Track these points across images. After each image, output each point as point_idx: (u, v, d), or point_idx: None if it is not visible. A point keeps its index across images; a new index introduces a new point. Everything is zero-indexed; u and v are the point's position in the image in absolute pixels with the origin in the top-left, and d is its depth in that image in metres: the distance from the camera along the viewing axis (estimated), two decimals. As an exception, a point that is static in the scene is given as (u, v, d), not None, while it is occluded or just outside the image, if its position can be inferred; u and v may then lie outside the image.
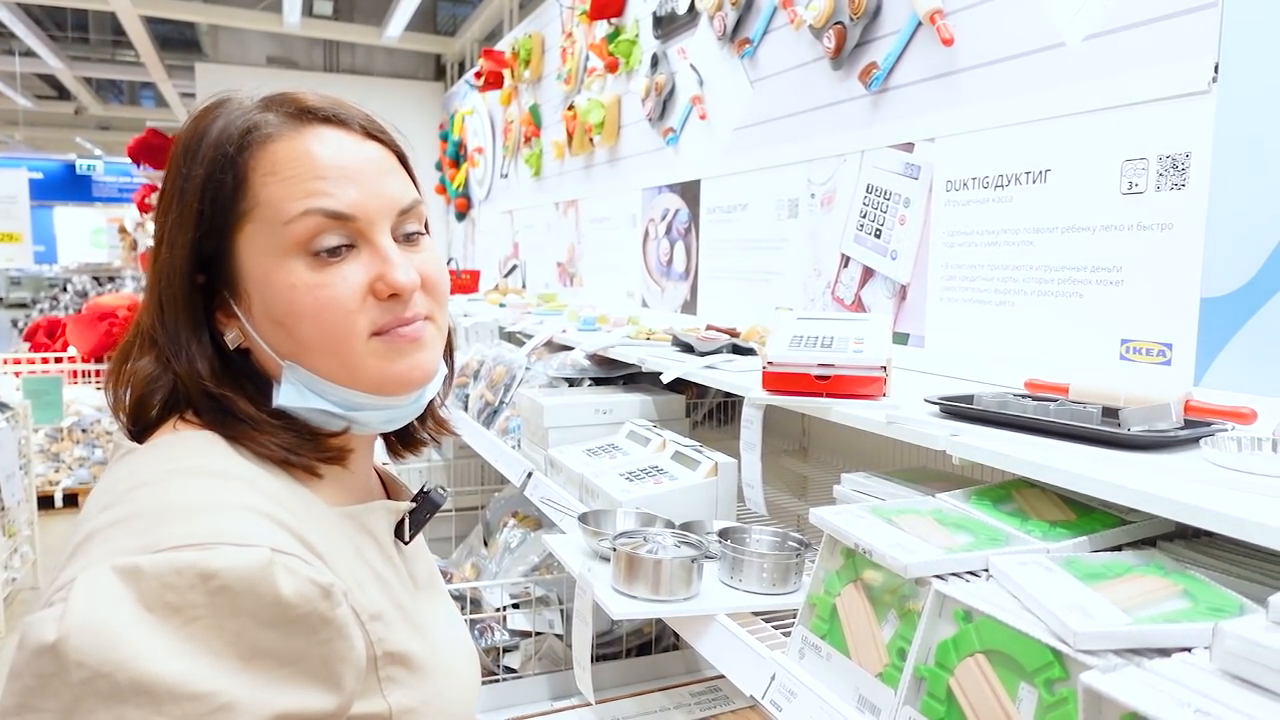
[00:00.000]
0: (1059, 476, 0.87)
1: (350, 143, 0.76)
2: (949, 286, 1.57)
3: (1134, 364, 1.24)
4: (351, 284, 0.72)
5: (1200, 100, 1.15)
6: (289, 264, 0.72)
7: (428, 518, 0.84)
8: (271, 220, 0.72)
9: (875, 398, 1.23)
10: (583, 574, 1.16)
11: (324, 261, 0.72)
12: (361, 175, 0.75)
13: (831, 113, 1.89)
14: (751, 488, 1.34)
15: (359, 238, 0.74)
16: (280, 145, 0.73)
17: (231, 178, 0.72)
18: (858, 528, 0.89)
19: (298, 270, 0.72)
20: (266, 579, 0.59)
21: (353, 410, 0.75)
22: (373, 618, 0.70)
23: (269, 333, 0.74)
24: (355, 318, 0.72)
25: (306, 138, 0.74)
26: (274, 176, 0.72)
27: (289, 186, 0.72)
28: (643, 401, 1.86)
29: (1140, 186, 1.23)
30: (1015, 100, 1.42)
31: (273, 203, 0.72)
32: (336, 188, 0.73)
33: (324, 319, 0.72)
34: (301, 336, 0.72)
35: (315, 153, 0.73)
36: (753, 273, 2.22)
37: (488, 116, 4.77)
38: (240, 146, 0.73)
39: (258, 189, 0.72)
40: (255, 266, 0.73)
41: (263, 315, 0.73)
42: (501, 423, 2.19)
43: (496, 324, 2.96)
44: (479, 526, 2.69)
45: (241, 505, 0.64)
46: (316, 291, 0.71)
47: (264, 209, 0.72)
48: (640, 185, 2.87)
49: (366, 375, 0.74)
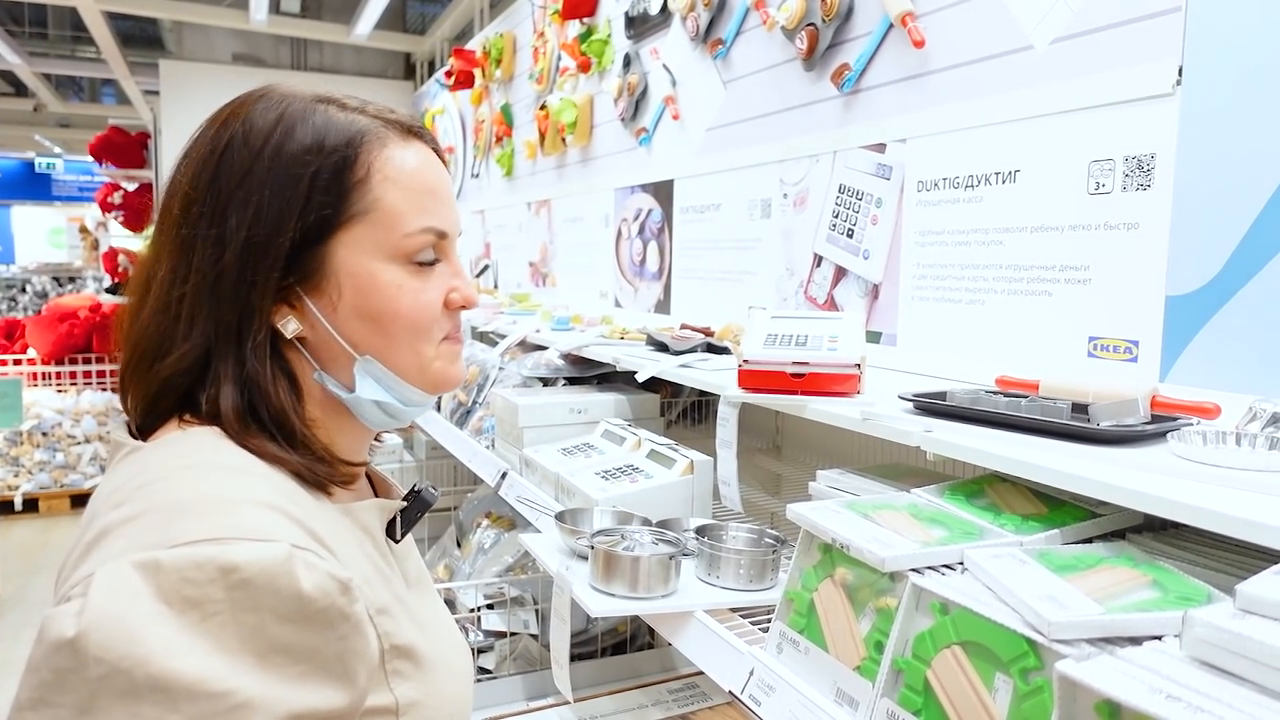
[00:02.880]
0: (1030, 471, 0.88)
1: (438, 162, 0.81)
2: (921, 286, 1.59)
3: (1102, 361, 1.26)
4: (439, 291, 0.79)
5: (1165, 102, 1.17)
6: (395, 269, 0.75)
7: (419, 516, 0.85)
8: (388, 226, 0.75)
9: (850, 395, 1.24)
10: (560, 572, 1.16)
11: (423, 270, 0.78)
12: (450, 197, 0.81)
13: (804, 113, 1.91)
14: (727, 485, 1.35)
15: (442, 254, 0.80)
16: (396, 153, 0.76)
17: (351, 178, 0.74)
18: (834, 522, 0.90)
19: (403, 275, 0.76)
20: (287, 573, 0.59)
21: (406, 405, 0.80)
22: (379, 611, 0.70)
23: (352, 328, 0.76)
24: (438, 322, 0.79)
25: (414, 150, 0.78)
26: (394, 184, 0.75)
27: (409, 198, 0.76)
28: (617, 401, 1.86)
29: (1107, 187, 1.25)
30: (985, 102, 1.44)
31: (394, 210, 0.75)
32: (441, 206, 0.79)
33: (419, 319, 0.77)
34: (395, 333, 0.76)
35: (424, 168, 0.78)
36: (726, 272, 2.23)
37: (458, 116, 4.74)
38: (359, 146, 0.74)
39: (378, 192, 0.75)
40: (357, 264, 0.75)
41: (351, 311, 0.75)
42: (475, 423, 2.18)
43: (469, 324, 2.95)
44: (452, 528, 2.68)
45: (258, 500, 0.64)
46: (418, 294, 0.76)
47: (382, 214, 0.75)
48: (613, 185, 2.87)
49: (433, 373, 0.80)
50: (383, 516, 0.81)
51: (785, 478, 1.94)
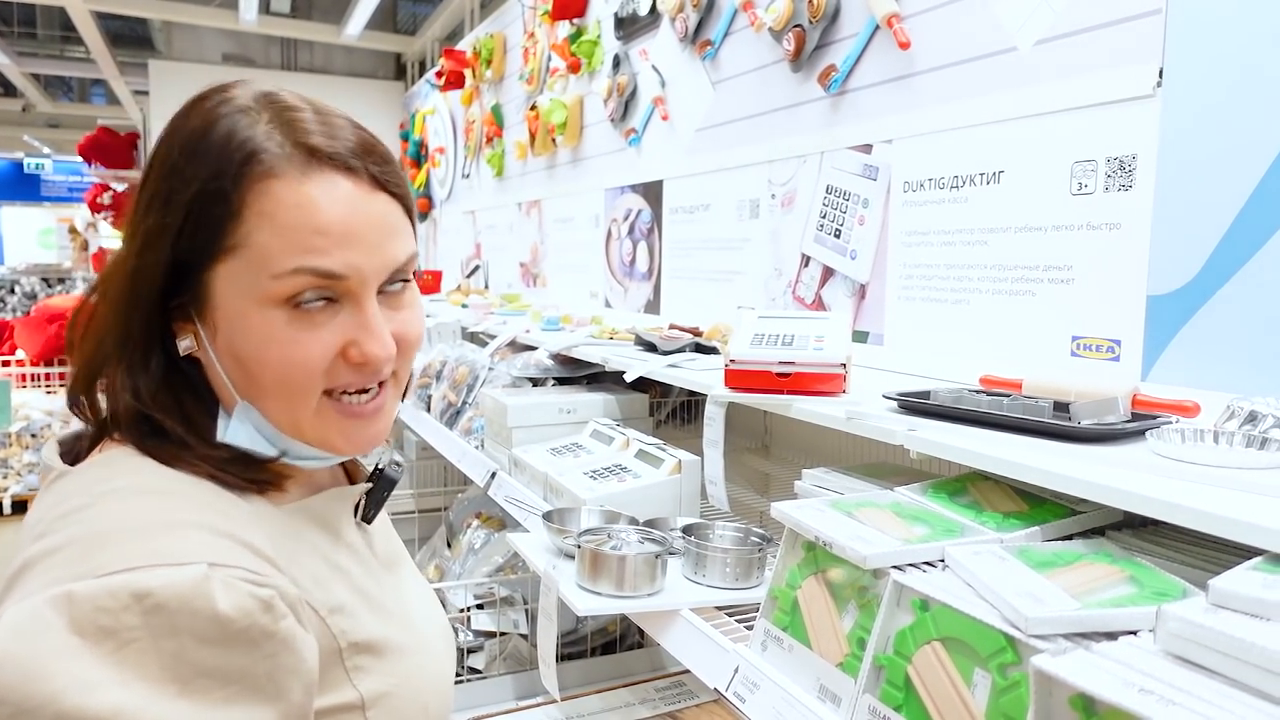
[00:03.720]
0: (1012, 469, 0.89)
1: (358, 197, 0.70)
2: (907, 285, 1.60)
3: (1084, 360, 1.27)
4: (325, 344, 0.70)
5: (1146, 104, 1.18)
6: (268, 313, 0.68)
7: (385, 495, 0.84)
8: (258, 267, 0.67)
9: (835, 394, 1.25)
10: (547, 571, 1.16)
11: (303, 315, 0.69)
12: (364, 236, 0.70)
13: (791, 114, 1.91)
14: (714, 484, 1.36)
15: (345, 296, 0.70)
16: (283, 187, 0.68)
17: (223, 209, 0.67)
18: (818, 521, 0.91)
19: (276, 322, 0.68)
20: (203, 595, 0.58)
21: (295, 458, 0.75)
22: (333, 611, 0.70)
23: (229, 365, 0.71)
24: (319, 378, 0.70)
25: (313, 184, 0.68)
26: (270, 221, 0.67)
27: (285, 238, 0.67)
28: (606, 401, 1.87)
29: (1090, 187, 1.26)
30: (970, 103, 1.45)
31: (264, 250, 0.67)
32: (336, 247, 0.68)
33: (289, 375, 0.69)
34: (263, 383, 0.70)
35: (320, 205, 0.68)
36: (715, 273, 2.24)
37: (449, 116, 4.74)
38: (237, 176, 0.67)
39: (250, 229, 0.67)
40: (230, 303, 0.69)
41: (226, 349, 0.70)
42: (464, 423, 2.18)
43: (459, 324, 2.95)
44: (442, 528, 2.68)
45: (178, 522, 0.62)
46: (290, 348, 0.68)
47: (253, 252, 0.67)
48: (603, 186, 2.88)
49: (309, 435, 0.73)
50: (346, 504, 0.80)
51: (773, 477, 1.95)
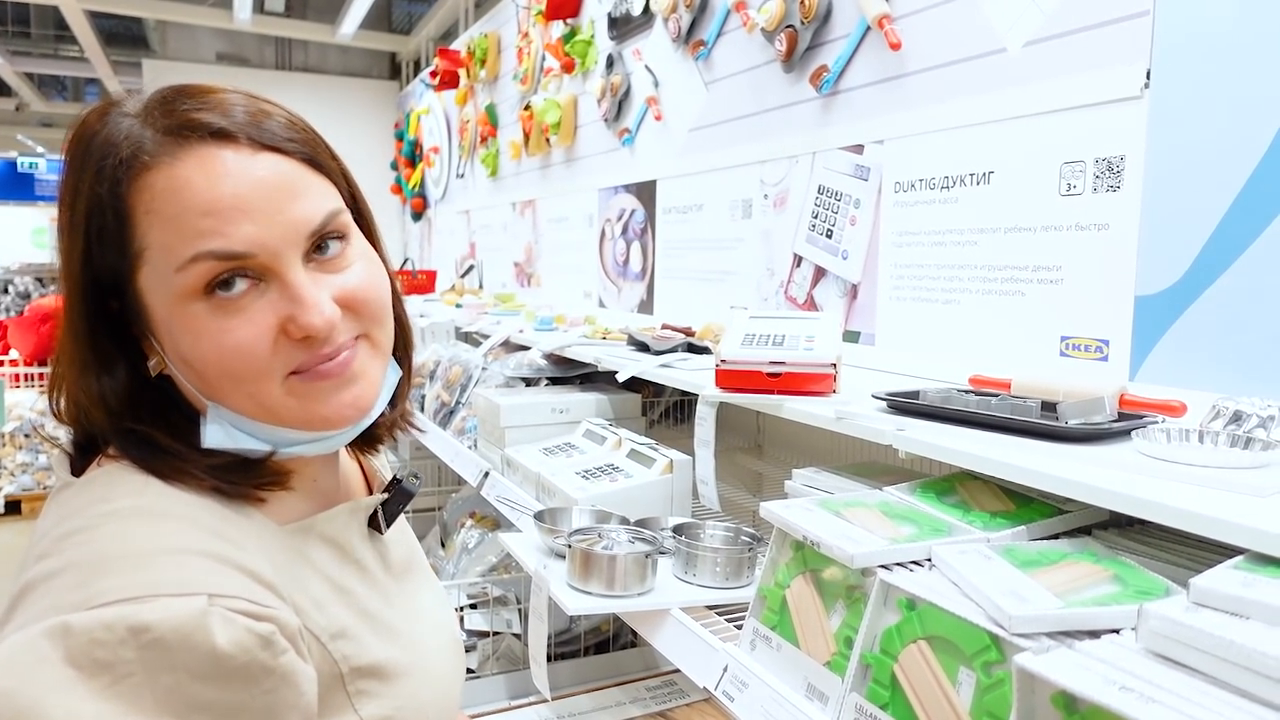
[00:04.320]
0: (999, 469, 0.90)
1: (238, 163, 0.66)
2: (898, 286, 1.60)
3: (1073, 360, 1.28)
4: (259, 326, 0.66)
5: (1134, 105, 1.19)
6: (190, 308, 0.66)
7: (401, 508, 0.83)
8: (164, 265, 0.65)
9: (825, 394, 1.25)
10: (538, 571, 1.17)
11: (225, 303, 0.66)
12: (256, 203, 0.66)
13: (784, 114, 1.92)
14: (705, 484, 1.36)
15: (264, 274, 0.67)
16: (158, 176, 0.65)
17: (114, 219, 0.65)
18: (806, 520, 0.91)
19: (200, 315, 0.66)
20: (201, 629, 0.57)
21: (287, 446, 0.72)
22: (335, 636, 0.69)
23: (187, 372, 0.69)
24: (267, 361, 0.67)
25: (186, 164, 0.65)
26: (157, 215, 0.64)
27: (175, 227, 0.64)
28: (599, 400, 1.87)
29: (1078, 188, 1.27)
30: (960, 104, 1.46)
31: (161, 246, 0.65)
32: (227, 224, 0.64)
33: (231, 365, 0.66)
34: (212, 379, 0.68)
35: (197, 184, 0.65)
36: (707, 273, 2.24)
37: (443, 116, 4.74)
38: (116, 181, 0.65)
39: (144, 230, 0.65)
40: (158, 309, 0.67)
41: (175, 356, 0.69)
42: (458, 423, 2.19)
43: (453, 324, 2.95)
44: (436, 528, 2.68)
45: (178, 548, 0.61)
46: (220, 338, 0.66)
47: (154, 252, 0.65)
48: (596, 185, 2.88)
49: (290, 416, 0.70)
50: (359, 517, 0.79)
51: (766, 476, 1.96)
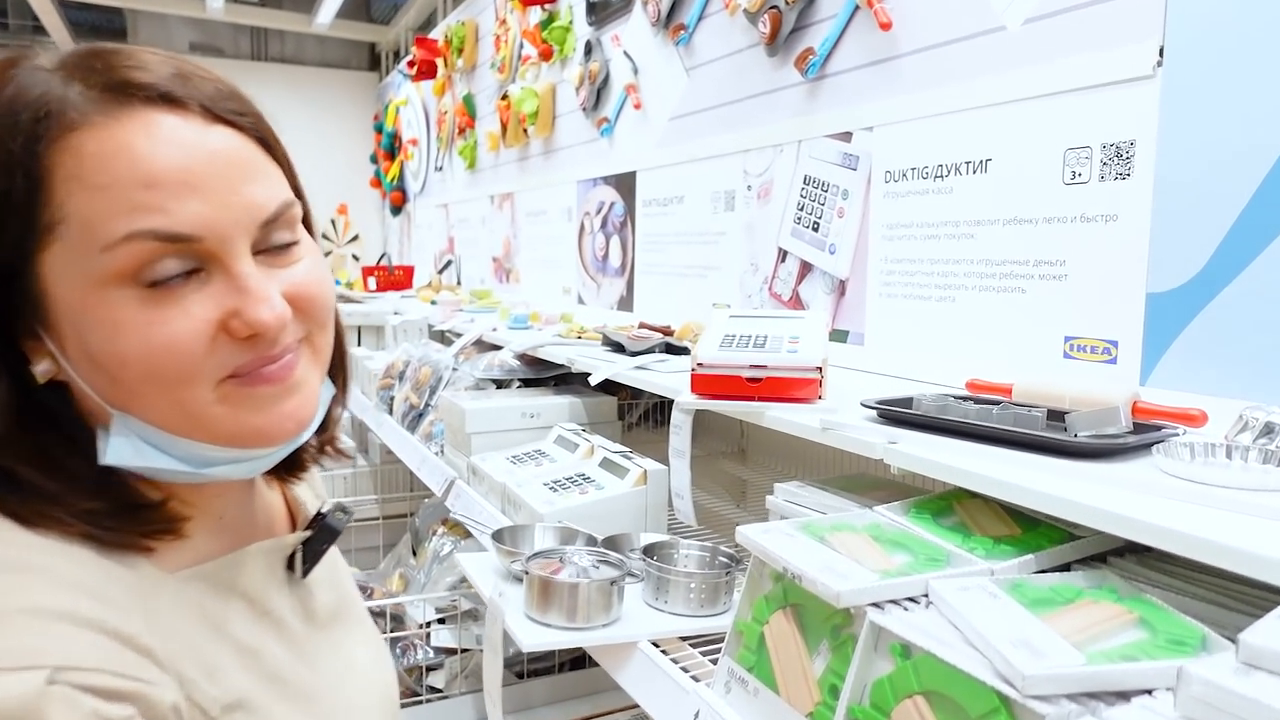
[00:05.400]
0: (1002, 489, 0.80)
1: (190, 133, 0.57)
2: (889, 282, 1.50)
3: (1078, 362, 1.18)
4: (196, 320, 0.56)
5: (1145, 85, 1.09)
6: (112, 296, 0.55)
7: (325, 548, 0.72)
8: (84, 243, 0.54)
9: (810, 400, 1.15)
10: (493, 599, 1.06)
11: (159, 293, 0.56)
12: (208, 181, 0.57)
13: (767, 101, 1.81)
14: (680, 498, 1.26)
15: (208, 261, 0.57)
16: (89, 138, 0.54)
17: (23, 182, 0.54)
18: (787, 549, 0.81)
19: (124, 304, 0.55)
20: (33, 713, 0.47)
21: (205, 466, 0.61)
22: (229, 709, 0.58)
23: (91, 374, 0.57)
24: (200, 362, 0.57)
25: (127, 128, 0.55)
26: (82, 183, 0.54)
27: (106, 199, 0.54)
28: (572, 404, 1.77)
29: (1084, 176, 1.17)
30: (955, 87, 1.36)
31: (84, 220, 0.54)
32: (174, 199, 0.55)
33: (157, 364, 0.56)
34: (128, 383, 0.57)
35: (141, 150, 0.55)
36: (689, 268, 2.14)
37: (422, 107, 4.62)
38: (32, 138, 0.54)
39: (62, 199, 0.54)
40: (67, 296, 0.56)
41: (80, 354, 0.57)
42: (426, 427, 2.07)
43: (426, 322, 2.84)
44: (407, 535, 2.56)
45: (29, 608, 0.51)
46: (149, 332, 0.55)
47: (73, 227, 0.54)
48: (575, 177, 2.77)
49: (219, 428, 0.59)
50: (274, 559, 0.68)
51: (750, 483, 1.86)
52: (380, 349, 3.06)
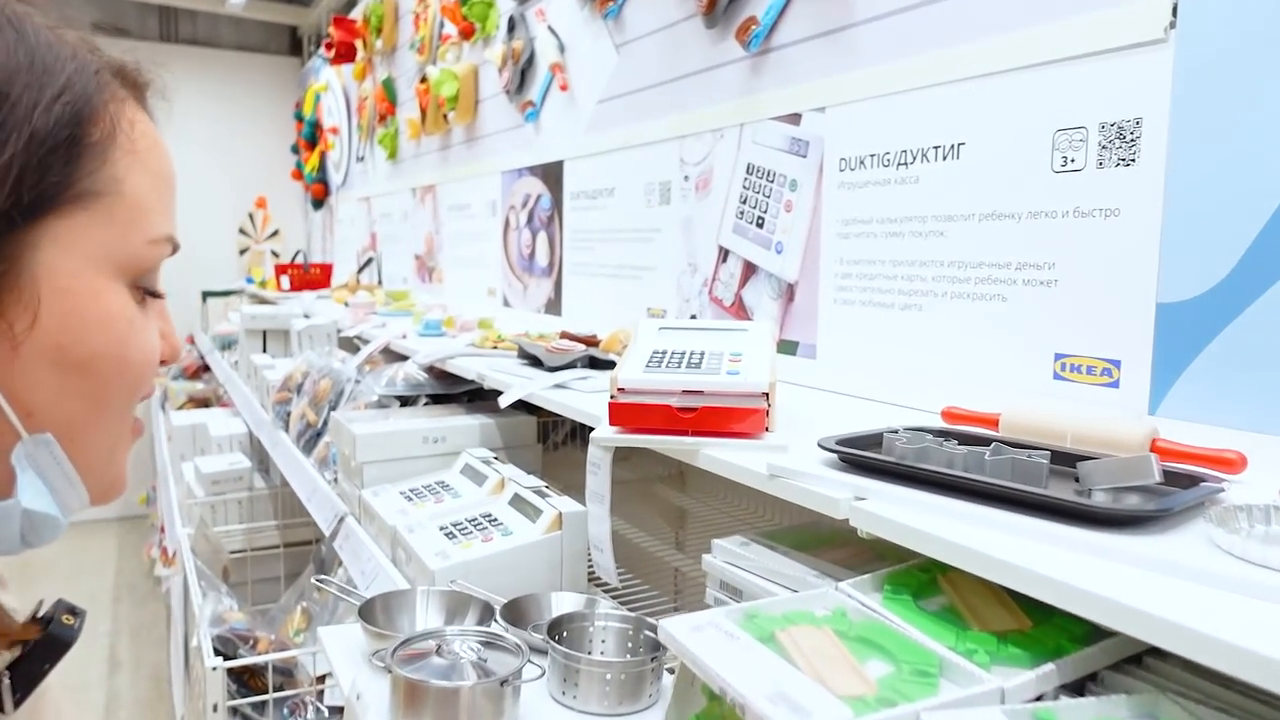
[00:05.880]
0: (1010, 574, 0.60)
1: None
2: (844, 286, 1.30)
3: (1071, 385, 0.99)
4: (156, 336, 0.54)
5: (1154, 52, 0.90)
6: (122, 291, 0.50)
7: (47, 669, 0.53)
8: (132, 225, 0.50)
9: (755, 435, 0.94)
10: (351, 701, 0.83)
11: (142, 301, 0.53)
12: None
13: (706, 80, 1.60)
14: (600, 551, 1.04)
15: (156, 283, 0.55)
16: (138, 117, 0.52)
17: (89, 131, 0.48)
18: (726, 659, 0.59)
19: (130, 304, 0.51)
20: None
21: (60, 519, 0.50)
22: None
23: (36, 379, 0.47)
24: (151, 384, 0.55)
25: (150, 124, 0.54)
26: (140, 163, 0.51)
27: (155, 190, 0.52)
28: (485, 426, 1.53)
29: (1077, 162, 0.97)
30: (920, 59, 1.16)
31: (139, 203, 0.50)
32: (172, 211, 0.55)
33: (143, 378, 0.52)
34: (110, 395, 0.50)
35: (165, 151, 0.54)
36: (620, 268, 1.92)
37: (342, 92, 4.31)
38: (97, 86, 0.49)
39: (122, 170, 0.49)
40: (74, 273, 0.48)
41: (47, 349, 0.47)
42: (322, 449, 1.82)
43: (335, 327, 2.57)
44: (311, 566, 2.30)
45: None
46: (146, 337, 0.52)
47: (125, 203, 0.49)
48: (500, 168, 2.53)
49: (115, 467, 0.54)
50: None
51: (691, 513, 1.65)
52: (287, 356, 2.78)
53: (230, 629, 1.63)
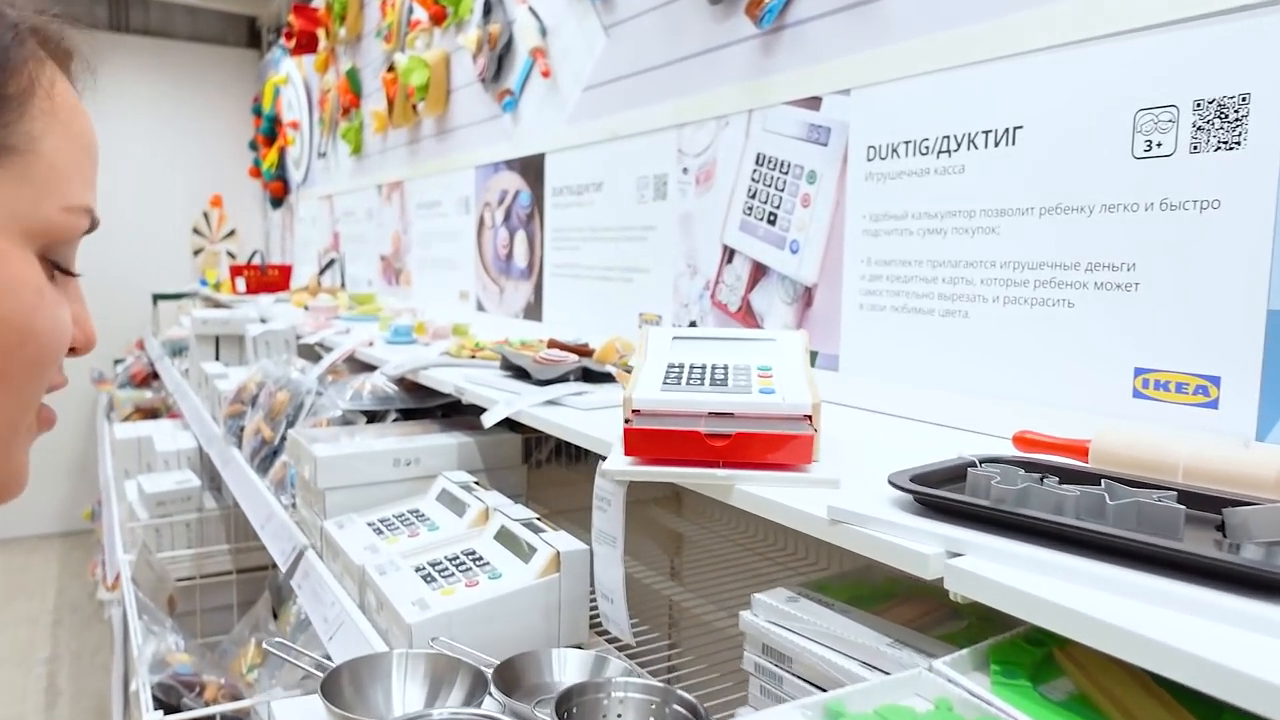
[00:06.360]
0: (1177, 662, 0.45)
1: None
2: (872, 290, 1.16)
3: (1156, 404, 0.86)
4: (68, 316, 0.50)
5: (1265, 16, 0.77)
6: (30, 259, 0.47)
7: None
8: (44, 189, 0.47)
9: (798, 467, 0.79)
10: (311, 811, 0.67)
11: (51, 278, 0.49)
12: None
13: (709, 61, 1.45)
14: (610, 601, 0.88)
15: (72, 260, 0.52)
16: (58, 80, 0.49)
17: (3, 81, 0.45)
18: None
19: (38, 273, 0.47)
20: None
21: None
22: None
23: None
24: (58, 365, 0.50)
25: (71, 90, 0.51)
26: (59, 125, 0.48)
27: (74, 155, 0.49)
28: (463, 445, 1.37)
29: (1165, 146, 0.84)
30: (965, 32, 1.02)
31: (55, 166, 0.48)
32: (93, 184, 0.52)
33: (52, 353, 0.48)
34: (11, 368, 0.46)
35: (87, 120, 0.52)
36: (609, 270, 1.76)
37: (303, 85, 4.11)
38: (16, 38, 0.47)
39: (39, 130, 0.47)
40: None
41: None
42: (278, 470, 1.64)
43: (294, 333, 2.38)
44: (266, 594, 2.11)
45: None
46: (58, 309, 0.49)
47: (40, 163, 0.47)
48: (474, 162, 2.36)
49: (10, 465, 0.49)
50: None
51: (689, 539, 1.49)
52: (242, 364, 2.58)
53: (174, 674, 1.45)
